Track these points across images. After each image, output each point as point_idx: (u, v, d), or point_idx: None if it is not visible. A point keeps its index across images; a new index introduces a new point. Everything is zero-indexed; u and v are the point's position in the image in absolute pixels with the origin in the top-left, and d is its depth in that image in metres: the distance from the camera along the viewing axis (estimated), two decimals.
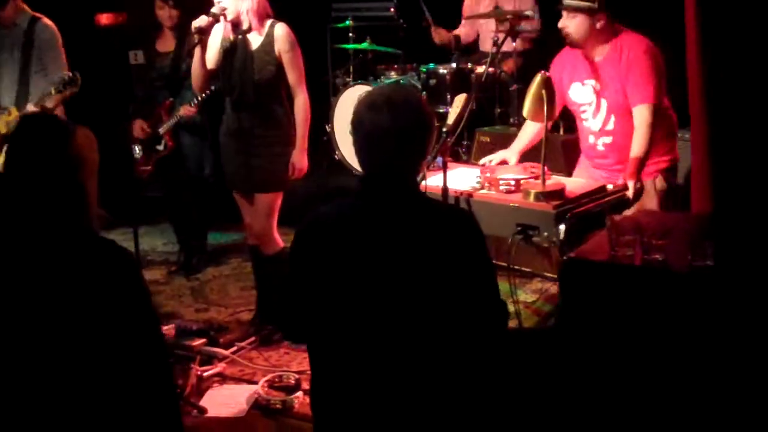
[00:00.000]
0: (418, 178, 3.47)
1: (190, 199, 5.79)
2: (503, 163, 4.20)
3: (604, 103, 4.08)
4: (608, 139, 4.14)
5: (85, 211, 2.21)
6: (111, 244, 2.21)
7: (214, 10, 4.24)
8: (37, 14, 5.32)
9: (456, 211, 2.81)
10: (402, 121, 2.42)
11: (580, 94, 4.16)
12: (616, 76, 4.00)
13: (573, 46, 4.09)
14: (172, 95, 5.57)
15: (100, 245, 2.19)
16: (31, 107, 5.05)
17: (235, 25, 4.29)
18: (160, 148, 5.55)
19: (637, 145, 3.91)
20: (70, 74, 4.97)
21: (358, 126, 2.47)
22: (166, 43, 5.66)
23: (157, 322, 2.26)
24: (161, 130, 5.51)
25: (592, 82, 4.10)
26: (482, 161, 4.30)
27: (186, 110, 5.34)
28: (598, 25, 3.97)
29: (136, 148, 5.55)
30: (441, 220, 2.48)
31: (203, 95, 5.06)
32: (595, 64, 4.08)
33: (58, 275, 2.10)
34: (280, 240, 4.52)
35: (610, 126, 4.11)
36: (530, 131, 4.31)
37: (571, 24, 4.00)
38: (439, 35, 6.87)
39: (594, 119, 4.15)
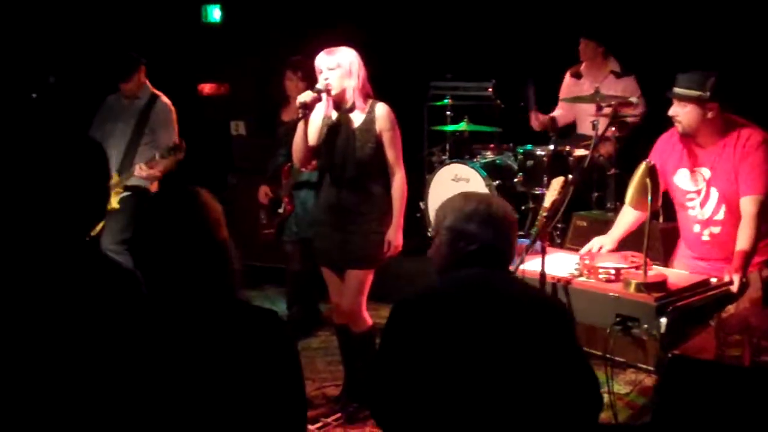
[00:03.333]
0: (516, 262, 3.47)
1: (300, 264, 5.86)
2: (600, 249, 4.10)
3: (714, 192, 3.97)
4: (716, 229, 4.02)
5: (229, 269, 2.20)
6: (264, 311, 2.21)
7: (318, 86, 4.32)
8: (158, 92, 5.56)
9: (548, 298, 2.83)
10: (502, 234, 2.59)
11: (688, 181, 4.06)
12: (729, 165, 3.90)
13: (684, 135, 3.99)
14: (291, 160, 5.70)
15: (252, 312, 2.19)
16: (139, 169, 5.22)
17: (338, 102, 4.36)
18: (280, 211, 5.71)
19: (744, 238, 3.79)
20: (176, 141, 5.14)
21: (459, 235, 2.59)
22: (290, 113, 5.80)
23: (303, 393, 2.23)
24: (280, 194, 5.66)
25: (702, 170, 4.00)
26: (582, 251, 4.20)
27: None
28: (709, 115, 3.88)
29: (263, 214, 5.78)
30: (534, 305, 2.50)
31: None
32: (706, 151, 3.98)
33: (212, 343, 2.10)
34: (369, 318, 4.50)
35: (720, 216, 3.99)
36: (628, 219, 4.20)
37: (682, 113, 3.92)
38: (538, 120, 6.85)
39: (702, 208, 4.04)
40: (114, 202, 5.33)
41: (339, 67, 4.28)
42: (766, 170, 3.85)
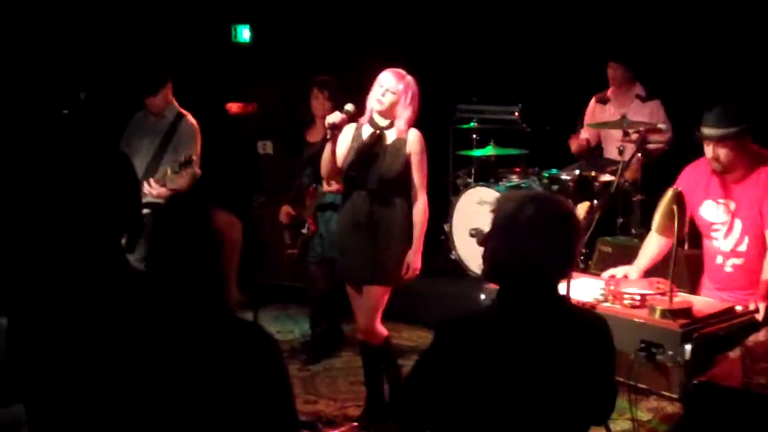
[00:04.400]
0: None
1: (324, 284, 5.89)
2: (625, 277, 4.07)
3: (738, 223, 3.96)
4: (739, 261, 4.01)
5: (223, 293, 2.22)
6: (253, 327, 2.23)
7: (348, 107, 4.37)
8: (184, 111, 5.60)
9: (594, 319, 2.73)
10: (554, 218, 2.42)
11: (713, 212, 4.05)
12: (754, 197, 3.89)
13: (723, 172, 3.93)
14: (316, 181, 5.74)
15: (241, 326, 2.21)
16: (148, 185, 5.22)
17: (383, 116, 4.41)
18: (304, 231, 5.72)
19: None
20: (187, 156, 5.16)
21: (508, 222, 2.44)
22: (316, 134, 5.84)
23: (293, 409, 2.23)
24: (304, 215, 5.69)
25: (728, 201, 4.00)
26: (605, 274, 4.19)
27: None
28: (743, 147, 3.85)
29: (286, 233, 5.81)
30: (583, 328, 2.48)
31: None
32: (731, 183, 3.97)
33: (198, 355, 2.12)
34: (383, 329, 4.55)
35: (743, 248, 3.98)
36: (653, 247, 4.17)
37: (723, 153, 3.84)
38: (578, 143, 6.84)
39: (725, 240, 4.03)
40: None
41: (403, 93, 4.35)
42: None
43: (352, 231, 4.50)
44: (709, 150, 3.87)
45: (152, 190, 5.27)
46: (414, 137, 4.41)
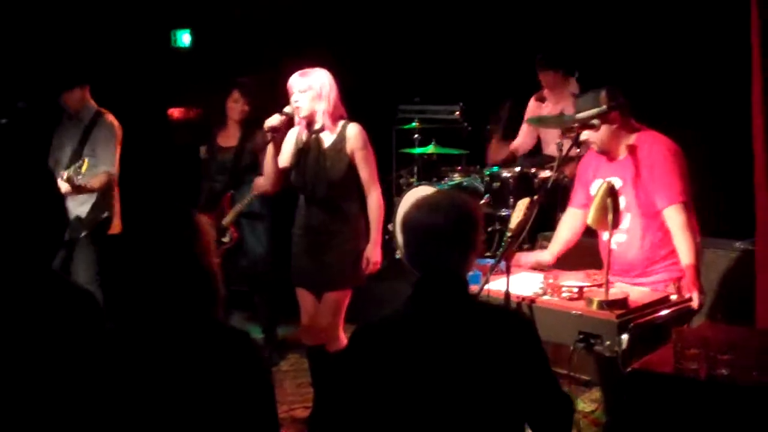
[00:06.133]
0: (481, 283, 3.52)
1: (253, 291, 5.88)
2: (538, 264, 4.17)
3: (621, 200, 3.99)
4: (621, 238, 4.05)
5: (214, 295, 2.22)
6: (244, 336, 2.23)
7: (286, 109, 4.37)
8: (103, 110, 5.50)
9: (508, 313, 2.81)
10: (450, 219, 2.50)
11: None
12: (638, 174, 3.97)
13: (602, 153, 4.09)
14: (233, 188, 5.70)
15: (233, 336, 2.21)
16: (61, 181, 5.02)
17: (308, 123, 4.40)
18: (225, 240, 5.65)
19: (684, 251, 3.82)
20: (81, 162, 5.07)
21: (409, 228, 2.55)
22: (229, 138, 5.80)
23: (276, 418, 2.25)
24: (224, 222, 5.64)
25: (613, 179, 4.04)
26: (521, 260, 4.25)
27: (260, 185, 5.31)
28: (614, 126, 3.99)
29: None
30: (495, 323, 2.50)
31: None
32: (616, 161, 4.07)
33: (189, 364, 2.13)
34: (345, 339, 4.52)
35: (626, 224, 4.03)
36: (566, 233, 4.29)
37: (591, 134, 4.02)
38: (493, 157, 6.93)
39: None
40: None
41: (310, 89, 4.33)
42: (679, 177, 3.90)
43: (305, 237, 4.50)
44: (582, 134, 4.07)
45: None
46: (353, 133, 4.39)
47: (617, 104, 3.97)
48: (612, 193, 3.68)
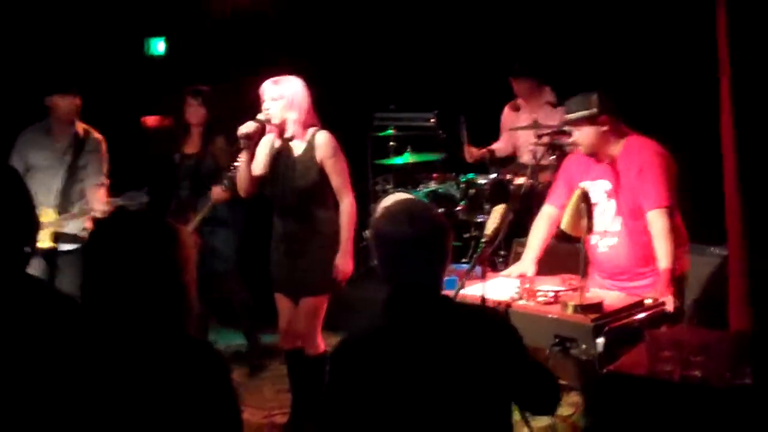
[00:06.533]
0: (456, 288, 3.53)
1: (225, 296, 5.87)
2: (522, 276, 4.12)
3: (612, 204, 4.08)
4: (612, 241, 4.11)
5: (187, 311, 2.21)
6: (207, 347, 2.22)
7: (260, 116, 4.37)
8: (87, 126, 5.44)
9: (485, 311, 2.80)
10: (421, 230, 2.48)
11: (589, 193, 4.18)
12: (627, 177, 4.03)
13: (588, 155, 4.14)
14: (197, 195, 5.68)
15: (195, 347, 2.19)
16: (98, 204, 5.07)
17: (280, 131, 4.41)
18: None
19: (663, 254, 3.87)
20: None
21: (380, 239, 2.53)
22: (192, 145, 5.79)
23: (239, 425, 2.24)
24: (189, 228, 5.62)
25: (602, 182, 4.12)
26: (503, 274, 4.28)
27: (217, 194, 5.40)
28: (603, 129, 4.03)
29: None
30: (473, 323, 2.50)
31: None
32: (605, 165, 4.12)
33: (151, 376, 2.11)
34: (322, 344, 4.54)
35: (616, 227, 4.10)
36: (539, 238, 4.32)
37: (580, 135, 4.07)
38: (470, 154, 6.99)
39: (600, 219, 4.10)
40: (48, 241, 5.17)
41: (282, 98, 4.34)
42: (665, 181, 3.97)
43: (281, 244, 4.52)
44: (572, 135, 4.12)
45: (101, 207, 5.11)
46: (322, 141, 4.39)
47: (608, 108, 4.02)
48: (586, 198, 3.72)
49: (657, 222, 3.92)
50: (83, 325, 2.19)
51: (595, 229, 4.12)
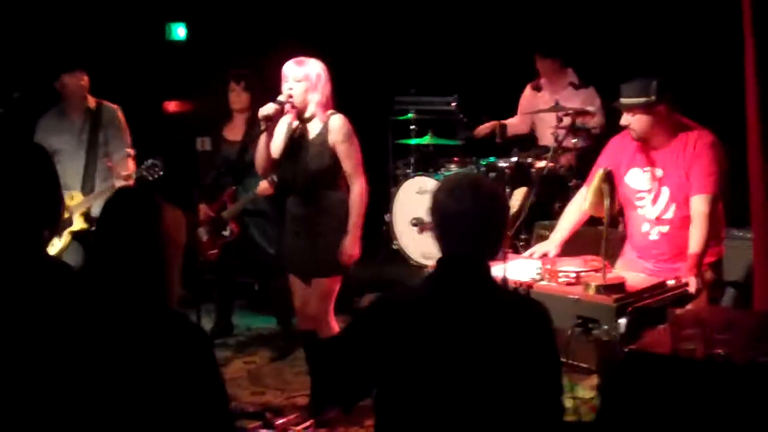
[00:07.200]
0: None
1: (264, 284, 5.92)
2: (545, 255, 4.15)
3: (665, 191, 4.08)
4: (665, 228, 4.13)
5: (166, 289, 2.23)
6: (183, 319, 2.24)
7: (280, 98, 4.36)
8: (100, 100, 5.45)
9: (530, 303, 2.74)
10: (481, 207, 2.46)
11: (639, 180, 4.17)
12: (681, 165, 4.03)
13: (639, 140, 4.11)
14: (236, 182, 5.69)
15: (173, 319, 2.22)
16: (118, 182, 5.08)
17: (299, 113, 4.41)
18: (226, 233, 5.65)
19: (696, 238, 3.89)
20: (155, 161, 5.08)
21: (439, 211, 2.51)
22: (235, 131, 5.80)
23: (225, 400, 2.25)
24: (225, 215, 5.63)
25: (655, 169, 4.11)
26: (525, 254, 4.28)
27: (263, 188, 5.38)
28: (660, 118, 4.01)
29: (203, 232, 5.64)
30: (514, 311, 2.49)
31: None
32: (658, 152, 4.10)
33: (129, 345, 2.13)
34: (336, 325, 4.55)
35: (669, 215, 4.10)
36: (569, 221, 4.32)
37: (633, 121, 4.04)
38: (478, 130, 6.95)
39: (652, 207, 4.14)
40: (81, 223, 5.28)
41: (306, 79, 4.33)
42: (716, 170, 3.98)
43: (294, 225, 4.53)
44: (623, 118, 4.07)
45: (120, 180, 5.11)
46: (335, 126, 4.37)
47: (666, 97, 3.99)
48: (609, 179, 3.70)
49: (699, 207, 3.95)
50: (78, 300, 2.20)
51: (648, 216, 4.13)
